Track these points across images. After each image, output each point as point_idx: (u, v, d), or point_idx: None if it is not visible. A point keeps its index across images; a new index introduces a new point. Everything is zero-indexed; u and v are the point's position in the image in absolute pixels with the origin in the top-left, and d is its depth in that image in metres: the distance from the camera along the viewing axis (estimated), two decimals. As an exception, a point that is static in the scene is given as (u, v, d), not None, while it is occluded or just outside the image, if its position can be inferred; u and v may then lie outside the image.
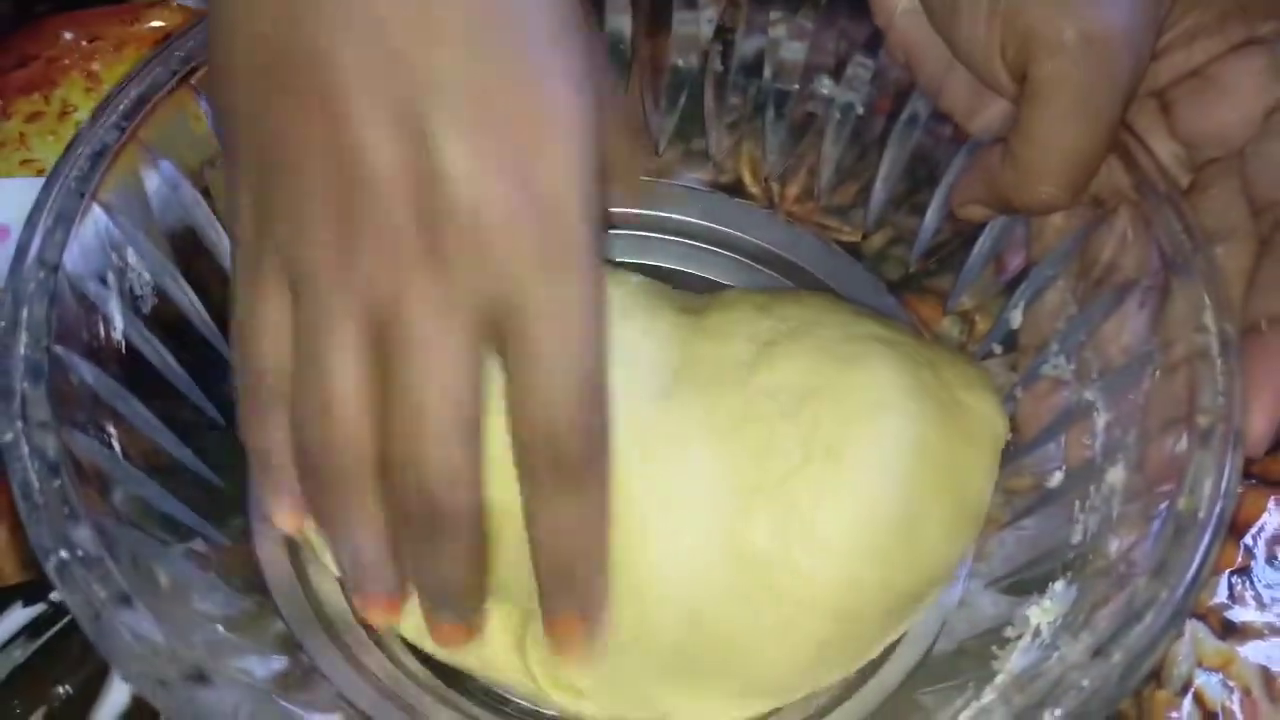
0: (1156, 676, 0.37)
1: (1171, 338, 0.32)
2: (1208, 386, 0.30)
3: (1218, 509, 0.28)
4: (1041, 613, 0.31)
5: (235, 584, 0.32)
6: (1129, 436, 0.32)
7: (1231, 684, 0.38)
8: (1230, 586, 0.39)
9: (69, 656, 0.35)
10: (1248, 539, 0.40)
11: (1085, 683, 0.25)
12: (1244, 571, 0.40)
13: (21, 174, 0.44)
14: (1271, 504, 0.41)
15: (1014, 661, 0.30)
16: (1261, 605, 0.39)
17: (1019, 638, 0.31)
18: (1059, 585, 0.31)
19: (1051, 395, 0.36)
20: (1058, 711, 0.25)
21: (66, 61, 0.46)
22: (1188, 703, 0.37)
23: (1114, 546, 0.30)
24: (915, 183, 0.42)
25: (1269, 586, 0.40)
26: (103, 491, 0.28)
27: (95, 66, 0.46)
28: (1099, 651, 0.26)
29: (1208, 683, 0.38)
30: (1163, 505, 0.29)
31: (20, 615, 0.36)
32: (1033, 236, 0.38)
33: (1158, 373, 0.32)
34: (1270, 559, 0.40)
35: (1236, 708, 0.37)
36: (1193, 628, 0.38)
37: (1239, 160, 0.33)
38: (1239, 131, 0.33)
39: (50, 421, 0.27)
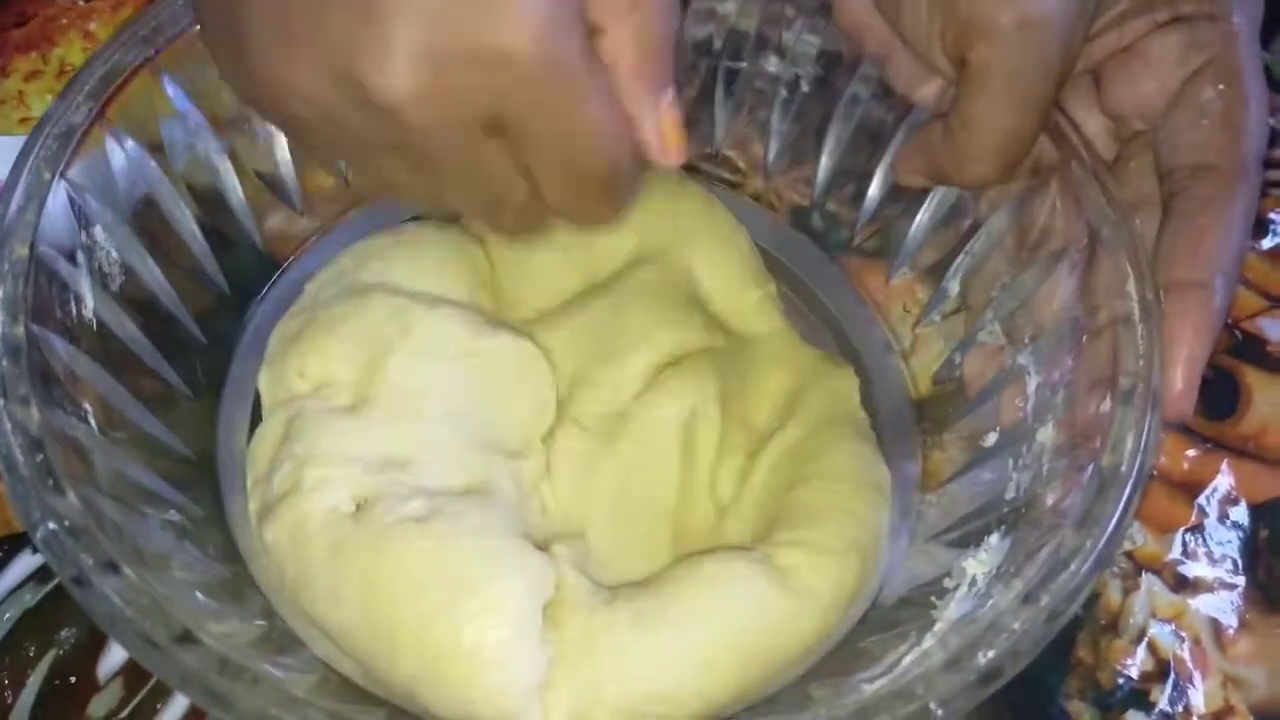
0: (1114, 627, 0.39)
1: (1096, 304, 0.33)
2: (1129, 350, 0.31)
3: (1138, 463, 0.30)
4: (977, 564, 0.32)
5: (210, 553, 0.33)
6: (1058, 398, 0.34)
7: (1183, 634, 0.39)
8: (1184, 543, 0.41)
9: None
10: (1201, 499, 0.42)
11: (1016, 625, 0.27)
12: (1197, 529, 0.41)
13: (20, 132, 0.45)
14: (1224, 466, 0.42)
15: (952, 609, 0.31)
16: (1213, 561, 0.41)
17: (957, 588, 0.32)
18: (994, 538, 0.33)
19: (997, 355, 0.38)
20: (991, 652, 0.27)
21: (64, 21, 0.46)
22: (1142, 650, 0.39)
23: (1044, 501, 0.32)
24: (860, 156, 0.42)
25: (1220, 544, 0.41)
26: (83, 465, 0.28)
27: (92, 26, 0.46)
28: (1028, 597, 0.28)
29: (1161, 633, 0.39)
30: (1088, 461, 0.30)
31: (30, 561, 0.37)
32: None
33: (1084, 337, 0.33)
34: (1222, 518, 0.41)
35: (1187, 655, 0.39)
36: (1148, 581, 0.40)
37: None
38: (1158, 103, 0.35)
39: (31, 396, 0.27)
